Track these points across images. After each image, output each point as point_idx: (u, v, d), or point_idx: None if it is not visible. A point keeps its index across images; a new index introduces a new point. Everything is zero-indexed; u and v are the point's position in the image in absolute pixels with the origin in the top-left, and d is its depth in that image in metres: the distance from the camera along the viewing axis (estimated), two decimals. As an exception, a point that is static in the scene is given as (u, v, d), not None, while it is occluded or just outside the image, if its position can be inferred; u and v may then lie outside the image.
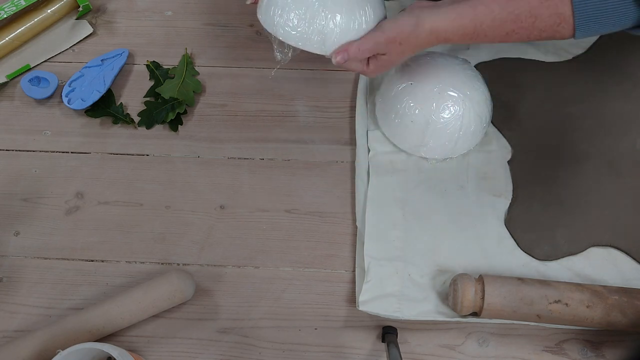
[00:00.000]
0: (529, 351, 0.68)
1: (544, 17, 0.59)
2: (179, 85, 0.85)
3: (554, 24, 0.59)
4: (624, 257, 0.72)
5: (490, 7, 0.60)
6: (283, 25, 0.67)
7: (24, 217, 0.78)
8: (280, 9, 0.66)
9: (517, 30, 0.60)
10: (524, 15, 0.59)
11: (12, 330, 0.71)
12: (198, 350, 0.69)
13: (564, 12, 0.58)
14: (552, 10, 0.58)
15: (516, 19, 0.60)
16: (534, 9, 0.59)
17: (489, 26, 0.61)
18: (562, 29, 0.59)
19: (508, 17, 0.60)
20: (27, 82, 0.85)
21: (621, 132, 0.77)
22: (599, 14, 0.57)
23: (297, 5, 0.66)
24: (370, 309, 0.68)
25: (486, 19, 0.61)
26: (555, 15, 0.58)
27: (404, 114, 0.74)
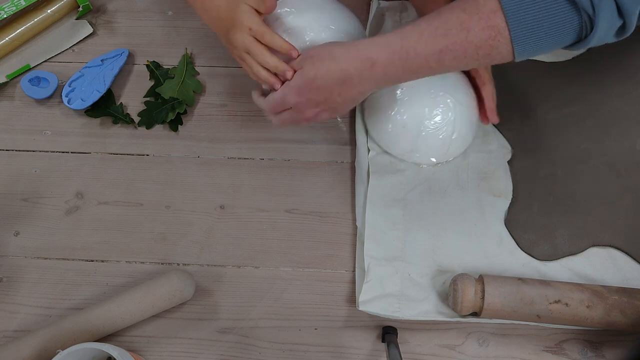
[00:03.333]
0: (529, 351, 0.68)
1: (477, 31, 0.56)
2: (179, 85, 0.85)
3: (489, 37, 0.56)
4: (624, 257, 0.72)
5: (416, 24, 0.59)
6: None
7: (24, 217, 0.78)
8: None
9: (450, 47, 0.57)
10: (454, 29, 0.56)
11: (12, 330, 0.71)
12: (198, 350, 0.69)
13: (497, 24, 0.55)
14: (484, 23, 0.55)
15: (446, 33, 0.57)
16: (464, 22, 0.56)
17: (418, 41, 0.58)
18: (499, 44, 0.56)
19: (437, 31, 0.57)
20: (27, 82, 0.85)
21: (621, 132, 0.77)
22: (535, 24, 0.54)
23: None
24: (370, 309, 0.68)
25: (413, 34, 0.58)
26: (488, 28, 0.55)
27: (395, 120, 0.74)
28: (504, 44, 0.56)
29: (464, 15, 0.56)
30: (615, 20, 0.54)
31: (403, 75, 0.60)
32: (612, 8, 0.53)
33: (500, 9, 0.55)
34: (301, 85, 0.62)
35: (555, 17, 0.54)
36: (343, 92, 0.61)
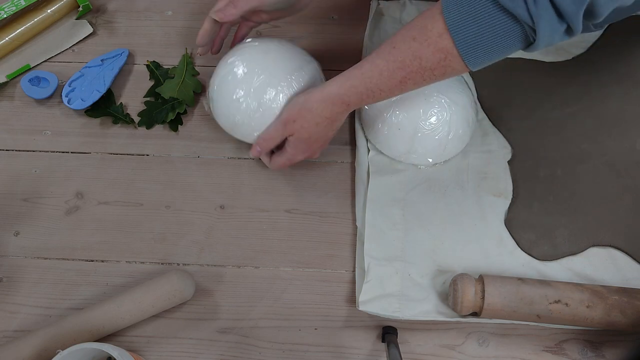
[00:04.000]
0: (529, 351, 0.68)
1: (428, 56, 0.59)
2: (179, 85, 0.85)
3: (440, 59, 0.59)
4: (624, 257, 0.72)
5: (374, 62, 0.63)
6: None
7: (24, 217, 0.78)
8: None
9: (408, 76, 0.61)
10: (408, 59, 0.60)
11: (12, 330, 0.71)
12: (198, 350, 0.69)
13: (445, 46, 0.58)
14: (433, 48, 0.59)
15: (402, 66, 0.61)
16: (416, 51, 0.60)
17: (379, 80, 0.63)
18: (451, 62, 0.59)
19: (394, 65, 0.61)
20: (27, 82, 0.85)
21: (621, 132, 0.77)
22: (481, 40, 0.57)
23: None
24: (370, 309, 0.68)
25: (374, 74, 0.63)
26: (438, 51, 0.59)
27: (391, 122, 0.74)
28: (455, 62, 0.59)
29: (414, 44, 0.60)
30: (557, 25, 0.55)
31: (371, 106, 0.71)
32: (551, 15, 0.54)
33: (446, 31, 0.58)
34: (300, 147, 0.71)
35: (498, 30, 0.57)
36: (330, 131, 0.70)
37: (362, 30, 0.89)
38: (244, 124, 0.73)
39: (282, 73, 0.71)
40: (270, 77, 0.71)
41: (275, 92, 0.71)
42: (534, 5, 0.54)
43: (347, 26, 0.90)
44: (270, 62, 0.72)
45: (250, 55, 0.73)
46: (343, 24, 0.91)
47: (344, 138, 0.81)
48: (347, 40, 0.89)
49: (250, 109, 0.71)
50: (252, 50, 0.74)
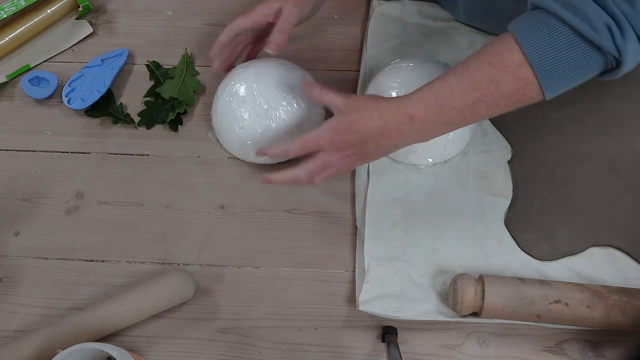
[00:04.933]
0: (529, 351, 0.68)
1: (507, 84, 0.58)
2: (179, 85, 0.85)
3: (519, 88, 0.58)
4: (624, 257, 0.72)
5: (446, 79, 0.61)
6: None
7: (24, 217, 0.78)
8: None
9: (482, 98, 0.59)
10: (483, 82, 0.59)
11: (12, 330, 0.71)
12: (198, 350, 0.69)
13: (526, 77, 0.57)
14: (512, 76, 0.58)
15: (477, 87, 0.59)
16: (493, 76, 0.58)
17: (450, 96, 0.60)
18: (529, 92, 0.58)
19: (467, 85, 0.59)
20: (27, 82, 0.85)
21: (621, 132, 0.77)
22: (562, 70, 0.57)
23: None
24: (370, 309, 0.68)
25: (444, 89, 0.61)
26: (517, 80, 0.58)
27: None
28: (534, 91, 0.58)
29: (491, 70, 0.58)
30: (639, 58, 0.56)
31: (440, 128, 0.62)
32: (635, 45, 0.55)
33: (526, 62, 0.57)
34: (340, 126, 0.64)
35: (580, 61, 0.56)
36: (379, 142, 0.63)
37: (362, 30, 0.89)
38: (257, 146, 0.75)
39: (282, 92, 0.74)
40: (272, 98, 0.73)
41: (279, 112, 0.73)
42: (621, 38, 0.54)
43: (347, 26, 0.90)
44: (269, 84, 0.74)
45: (248, 80, 0.75)
46: (343, 24, 0.91)
47: (344, 138, 0.81)
48: (347, 40, 0.89)
49: (258, 132, 0.73)
50: (249, 75, 0.75)
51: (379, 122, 0.62)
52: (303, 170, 0.66)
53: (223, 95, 0.76)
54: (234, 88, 0.75)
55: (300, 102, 0.74)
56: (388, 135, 0.62)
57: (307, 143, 0.66)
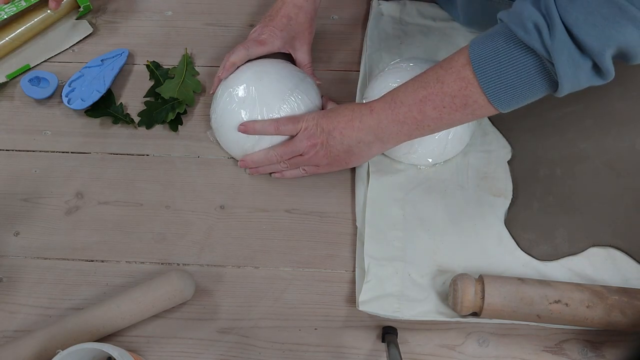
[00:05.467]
0: (529, 351, 0.68)
1: (450, 82, 0.61)
2: (179, 85, 0.85)
3: (461, 87, 0.61)
4: (624, 257, 0.72)
5: (404, 82, 0.67)
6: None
7: (24, 217, 0.78)
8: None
9: (428, 96, 0.63)
10: (431, 81, 0.63)
11: (12, 330, 0.71)
12: (198, 350, 0.69)
13: (467, 76, 0.60)
14: (455, 75, 0.61)
15: (425, 85, 0.64)
16: (440, 76, 0.63)
17: (403, 93, 0.66)
18: (470, 92, 0.60)
19: (418, 84, 0.65)
20: (27, 82, 0.85)
21: (621, 132, 0.77)
22: (501, 74, 0.58)
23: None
24: (370, 309, 0.68)
25: (401, 88, 0.67)
26: (459, 80, 0.61)
27: None
28: (476, 94, 0.60)
29: (440, 71, 0.63)
30: (580, 61, 0.54)
31: (394, 125, 0.67)
32: (569, 49, 0.53)
33: (468, 63, 0.60)
34: (320, 114, 0.72)
35: (518, 65, 0.57)
36: (344, 132, 0.70)
37: (362, 30, 0.89)
38: (255, 149, 0.75)
39: (281, 94, 0.74)
40: (271, 100, 0.74)
41: (279, 113, 0.74)
42: (549, 37, 0.53)
43: (347, 26, 0.91)
44: (268, 85, 0.74)
45: (248, 81, 0.75)
46: (343, 24, 0.91)
47: (344, 138, 0.81)
48: (347, 40, 0.89)
49: (256, 136, 0.74)
50: (248, 76, 0.76)
51: (349, 111, 0.70)
52: (275, 150, 0.73)
53: (223, 96, 0.76)
54: (234, 89, 0.75)
55: (300, 104, 0.74)
56: (352, 125, 0.69)
57: (289, 119, 0.72)
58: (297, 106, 0.74)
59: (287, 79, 0.75)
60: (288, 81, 0.75)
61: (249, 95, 0.74)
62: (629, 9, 0.50)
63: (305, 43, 0.82)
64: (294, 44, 0.81)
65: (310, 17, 0.81)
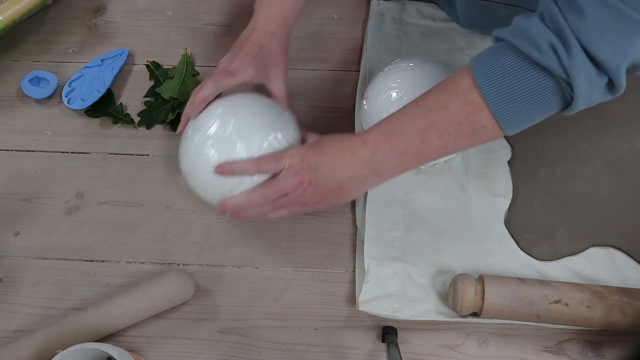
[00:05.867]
0: (529, 351, 0.68)
1: (455, 108, 0.57)
2: (179, 85, 0.84)
3: (468, 113, 0.57)
4: (624, 257, 0.72)
5: (402, 109, 0.61)
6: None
7: (24, 217, 0.78)
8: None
9: (432, 124, 0.58)
10: (434, 108, 0.58)
11: (12, 330, 0.71)
12: (198, 350, 0.69)
13: (474, 100, 0.56)
14: (461, 100, 0.57)
15: (427, 113, 0.59)
16: (443, 101, 0.58)
17: (401, 123, 0.60)
18: (479, 118, 0.56)
19: (418, 112, 0.59)
20: (27, 82, 0.85)
21: (621, 132, 0.77)
22: (512, 95, 0.54)
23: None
24: (370, 309, 0.68)
25: (398, 117, 0.61)
26: (466, 104, 0.56)
27: None
28: (485, 118, 0.56)
29: (442, 96, 0.58)
30: (597, 78, 0.52)
31: (393, 158, 0.61)
32: (588, 68, 0.51)
33: (474, 86, 0.56)
34: (305, 148, 0.64)
35: (530, 87, 0.54)
36: (335, 166, 0.62)
37: (362, 30, 0.89)
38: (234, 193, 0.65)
39: (259, 130, 0.65)
40: (249, 137, 0.65)
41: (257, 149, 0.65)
42: (566, 56, 0.51)
43: (347, 26, 0.90)
44: (244, 121, 0.65)
45: (221, 119, 0.66)
46: (343, 24, 0.91)
47: (344, 138, 0.81)
48: (347, 40, 0.89)
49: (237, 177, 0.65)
50: (221, 112, 0.67)
51: (337, 143, 0.63)
52: (258, 192, 0.64)
53: (194, 136, 0.66)
54: (206, 128, 0.66)
55: (280, 140, 0.66)
56: (342, 158, 0.62)
57: (272, 157, 0.63)
58: (277, 143, 0.65)
59: (264, 113, 0.67)
60: (265, 116, 0.66)
61: (224, 134, 0.64)
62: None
63: (280, 73, 0.72)
64: (267, 73, 0.71)
65: (284, 44, 0.72)
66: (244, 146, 0.64)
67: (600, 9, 0.49)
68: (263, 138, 0.65)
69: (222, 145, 0.64)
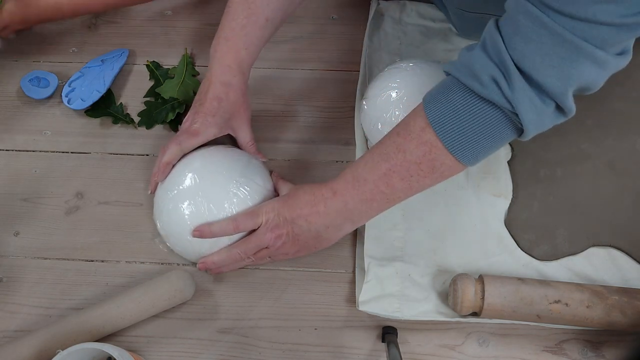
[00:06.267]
0: (529, 351, 0.68)
1: (412, 149, 0.59)
2: (179, 85, 0.84)
3: (425, 152, 0.58)
4: (624, 257, 0.72)
5: (364, 156, 0.64)
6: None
7: (24, 217, 0.78)
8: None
9: (392, 168, 0.60)
10: (392, 152, 0.60)
11: (12, 330, 0.71)
12: (198, 350, 0.69)
13: (429, 139, 0.58)
14: (416, 141, 0.58)
15: (386, 158, 0.60)
16: (400, 145, 0.60)
17: (364, 169, 0.62)
18: (437, 156, 0.58)
19: (378, 157, 0.61)
20: (27, 82, 0.85)
21: (621, 132, 0.77)
22: (465, 131, 0.56)
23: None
24: (370, 309, 0.68)
25: (359, 163, 0.63)
26: (421, 144, 0.58)
27: (391, 123, 0.73)
28: (442, 155, 0.58)
29: (398, 139, 0.60)
30: (542, 107, 0.53)
31: (362, 205, 0.63)
32: (531, 97, 0.52)
33: (427, 125, 0.57)
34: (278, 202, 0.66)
35: (479, 119, 0.55)
36: (310, 219, 0.65)
37: (362, 30, 0.89)
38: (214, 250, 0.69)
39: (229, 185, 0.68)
40: (219, 195, 0.68)
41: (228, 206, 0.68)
42: (508, 88, 0.52)
43: (347, 26, 0.91)
44: (212, 180, 0.68)
45: (190, 181, 0.68)
46: (343, 24, 0.91)
47: (344, 138, 0.81)
48: (347, 40, 0.89)
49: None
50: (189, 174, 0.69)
51: (309, 196, 0.65)
52: (238, 248, 0.67)
53: (165, 201, 0.69)
54: (176, 191, 0.69)
55: (250, 190, 0.69)
56: (316, 210, 0.64)
57: (247, 215, 0.66)
58: (248, 194, 0.68)
59: (232, 168, 0.69)
60: (233, 170, 0.69)
61: (195, 196, 0.67)
62: (586, 47, 0.49)
63: (244, 121, 0.74)
64: (231, 124, 0.73)
65: (242, 93, 0.72)
66: (214, 204, 0.67)
67: (544, 35, 0.50)
68: (232, 192, 0.68)
69: (194, 207, 0.67)
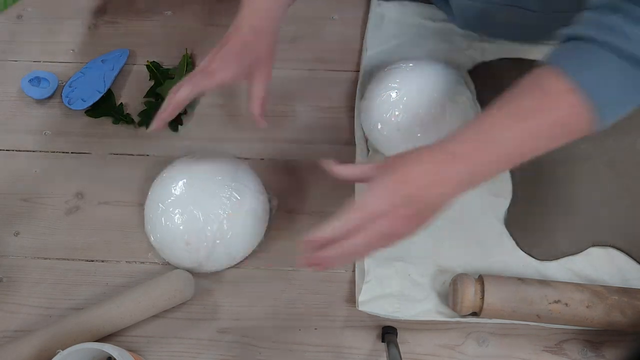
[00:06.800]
0: (529, 351, 0.68)
1: (552, 109, 0.54)
2: (179, 86, 0.84)
3: (567, 113, 0.54)
4: (624, 257, 0.72)
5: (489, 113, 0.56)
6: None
7: (24, 217, 0.78)
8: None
9: (529, 129, 0.55)
10: (527, 113, 0.54)
11: (12, 330, 0.71)
12: (198, 350, 0.69)
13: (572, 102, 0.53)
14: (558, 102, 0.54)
15: (520, 119, 0.55)
16: (536, 106, 0.54)
17: (500, 130, 0.55)
18: (579, 120, 0.55)
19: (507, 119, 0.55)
20: (27, 82, 0.85)
21: (621, 132, 0.77)
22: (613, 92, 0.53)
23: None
24: (370, 309, 0.68)
25: (483, 124, 0.55)
26: (563, 105, 0.54)
27: (390, 123, 0.74)
28: (583, 121, 0.55)
29: (532, 102, 0.54)
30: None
31: (490, 168, 0.56)
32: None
33: (572, 88, 0.52)
34: (390, 182, 0.55)
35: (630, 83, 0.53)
36: (432, 190, 0.55)
37: (362, 30, 0.89)
38: (211, 257, 0.70)
39: (220, 196, 0.69)
40: (212, 206, 0.69)
41: (224, 217, 0.69)
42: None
43: (347, 26, 0.91)
44: (204, 190, 0.69)
45: (181, 194, 0.69)
46: (343, 24, 0.91)
47: (344, 138, 0.81)
48: (347, 40, 0.89)
49: (205, 242, 0.69)
50: (179, 189, 0.70)
51: (428, 164, 0.55)
52: (361, 243, 0.55)
53: (157, 214, 0.70)
54: (167, 204, 0.70)
55: (241, 199, 0.70)
56: (438, 179, 0.55)
57: (353, 217, 0.55)
58: (240, 198, 0.70)
59: (220, 180, 0.70)
60: (222, 181, 0.70)
61: (186, 208, 0.68)
62: None
63: (263, 73, 0.67)
64: (251, 72, 0.67)
65: (270, 41, 0.67)
66: (207, 215, 0.68)
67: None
68: (225, 203, 0.69)
69: (186, 217, 0.68)
